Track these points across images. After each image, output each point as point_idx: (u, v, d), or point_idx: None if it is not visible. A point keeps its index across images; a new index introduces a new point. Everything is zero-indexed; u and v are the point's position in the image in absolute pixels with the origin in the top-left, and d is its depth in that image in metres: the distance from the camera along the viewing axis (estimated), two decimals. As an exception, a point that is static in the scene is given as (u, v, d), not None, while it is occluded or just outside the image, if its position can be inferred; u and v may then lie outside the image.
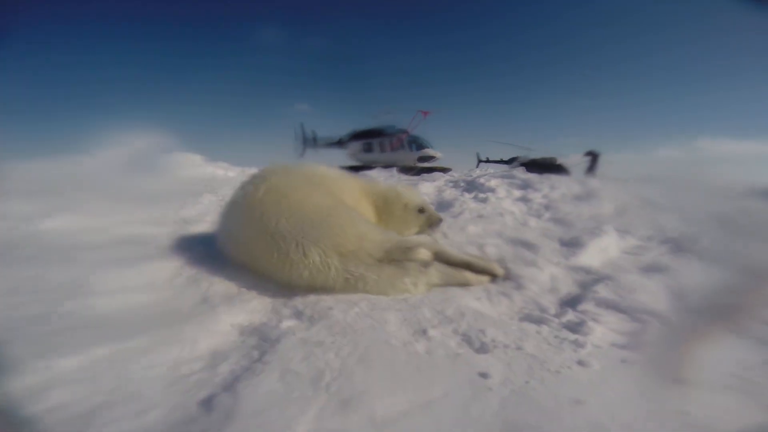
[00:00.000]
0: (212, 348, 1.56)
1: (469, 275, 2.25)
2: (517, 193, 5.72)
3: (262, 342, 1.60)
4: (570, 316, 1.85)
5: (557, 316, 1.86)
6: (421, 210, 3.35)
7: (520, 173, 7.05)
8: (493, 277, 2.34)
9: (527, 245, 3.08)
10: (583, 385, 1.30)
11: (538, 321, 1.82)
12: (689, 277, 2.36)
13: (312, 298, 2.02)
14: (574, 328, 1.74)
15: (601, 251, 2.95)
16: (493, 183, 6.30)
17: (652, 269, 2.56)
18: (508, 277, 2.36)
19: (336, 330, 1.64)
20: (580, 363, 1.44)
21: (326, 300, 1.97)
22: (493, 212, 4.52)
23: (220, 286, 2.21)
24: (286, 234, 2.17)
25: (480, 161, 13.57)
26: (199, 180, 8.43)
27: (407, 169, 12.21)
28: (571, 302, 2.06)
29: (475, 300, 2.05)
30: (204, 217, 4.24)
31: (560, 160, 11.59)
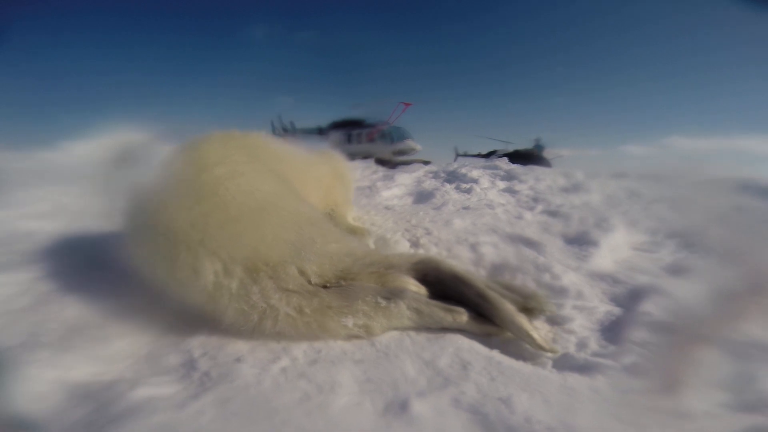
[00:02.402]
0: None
1: (461, 317, 1.34)
2: (502, 184, 5.16)
3: (92, 420, 0.82)
4: (630, 355, 1.16)
5: (612, 357, 1.17)
6: None
7: (503, 164, 6.49)
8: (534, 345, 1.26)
9: (530, 243, 2.44)
10: None
11: (589, 369, 1.12)
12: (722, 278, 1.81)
13: (218, 337, 1.22)
14: (647, 373, 1.05)
15: (613, 250, 2.36)
16: (475, 173, 5.71)
17: (678, 271, 2.02)
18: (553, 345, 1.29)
19: (234, 408, 0.87)
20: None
21: (239, 344, 1.19)
22: (480, 204, 3.87)
23: (74, 312, 1.36)
24: (179, 234, 1.35)
25: (458, 155, 13.07)
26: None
27: (385, 161, 11.51)
28: (617, 329, 1.39)
29: (470, 337, 1.31)
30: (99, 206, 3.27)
31: (546, 153, 11.34)
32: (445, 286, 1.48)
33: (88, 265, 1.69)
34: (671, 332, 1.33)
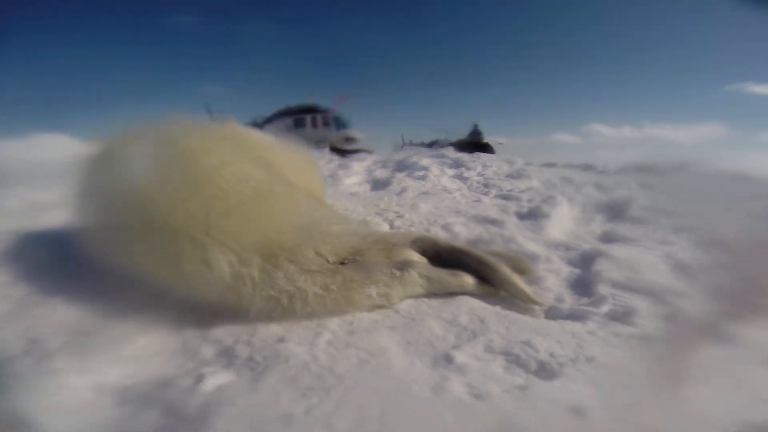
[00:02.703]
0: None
1: (467, 280, 1.51)
2: (450, 171, 5.53)
3: (172, 422, 0.79)
4: (606, 305, 1.44)
5: (593, 305, 1.44)
6: None
7: (450, 153, 6.91)
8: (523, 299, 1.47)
9: (493, 222, 2.74)
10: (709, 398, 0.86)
11: (577, 317, 1.37)
12: (655, 244, 2.29)
13: (241, 325, 1.21)
14: (623, 318, 1.33)
15: (560, 223, 2.78)
16: (425, 162, 5.99)
17: (609, 238, 2.48)
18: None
19: (305, 383, 0.92)
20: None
21: (272, 327, 1.20)
22: (437, 189, 4.15)
23: (67, 314, 1.22)
24: (179, 227, 1.28)
25: (404, 144, 13.42)
26: (67, 162, 6.14)
27: (338, 150, 11.31)
28: (585, 286, 1.70)
29: (477, 298, 1.50)
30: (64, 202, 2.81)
31: (486, 140, 12.23)
32: (443, 259, 1.63)
33: (60, 265, 1.49)
34: (626, 288, 1.66)
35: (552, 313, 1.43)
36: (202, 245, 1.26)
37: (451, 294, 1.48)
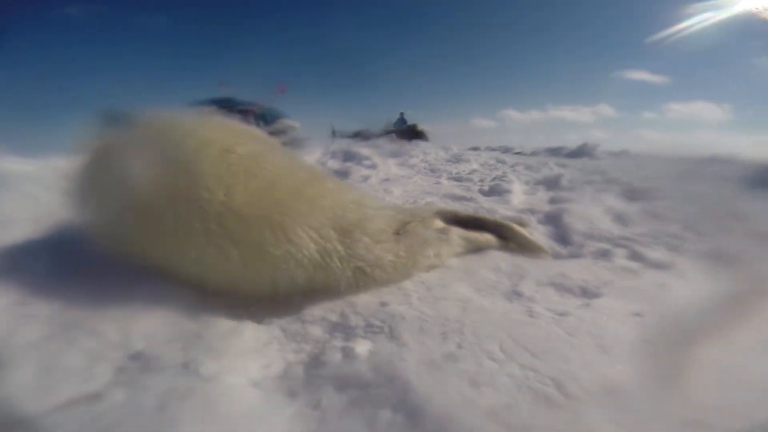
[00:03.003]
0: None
1: (488, 237, 1.82)
2: (393, 160, 5.83)
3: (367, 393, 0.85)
4: (587, 248, 1.86)
5: (579, 249, 1.85)
6: None
7: (384, 142, 7.21)
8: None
9: (465, 198, 3.11)
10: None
11: (575, 258, 1.76)
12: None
13: (333, 301, 1.27)
14: (605, 256, 1.75)
15: (517, 195, 3.30)
16: (366, 152, 6.18)
17: (560, 202, 3.06)
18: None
19: (435, 330, 1.07)
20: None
21: (359, 297, 1.28)
22: (396, 176, 4.40)
23: (158, 319, 1.10)
24: (249, 212, 1.26)
25: (334, 134, 13.13)
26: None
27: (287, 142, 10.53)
28: (562, 237, 2.12)
29: (500, 251, 1.80)
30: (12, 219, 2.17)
31: (420, 127, 12.80)
32: (463, 225, 1.89)
33: (77, 273, 1.27)
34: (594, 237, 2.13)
35: (557, 257, 1.80)
36: (282, 227, 1.26)
37: (479, 251, 1.74)
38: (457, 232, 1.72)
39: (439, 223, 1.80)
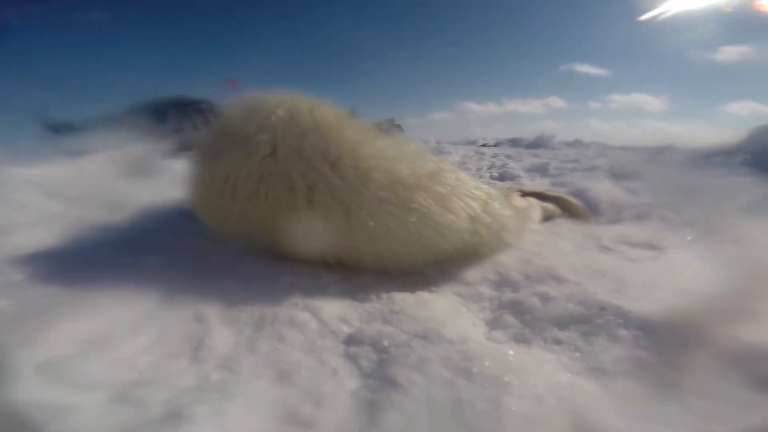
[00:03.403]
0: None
1: (553, 206, 2.24)
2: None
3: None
4: (624, 213, 2.37)
5: (619, 213, 2.36)
6: None
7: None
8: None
9: (488, 183, 3.53)
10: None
11: (615, 222, 2.26)
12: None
13: (479, 265, 1.53)
14: (642, 219, 2.27)
15: (526, 179, 3.82)
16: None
17: (562, 185, 3.63)
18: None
19: (598, 276, 1.40)
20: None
21: (499, 259, 1.57)
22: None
23: (337, 308, 1.24)
24: (413, 182, 1.47)
25: None
26: None
27: None
28: (594, 208, 2.61)
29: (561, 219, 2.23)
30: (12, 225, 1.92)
31: (397, 122, 12.93)
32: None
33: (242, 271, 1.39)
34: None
35: (602, 223, 2.28)
36: (441, 196, 1.47)
37: (548, 219, 2.16)
38: (535, 202, 2.13)
39: (519, 197, 2.18)
